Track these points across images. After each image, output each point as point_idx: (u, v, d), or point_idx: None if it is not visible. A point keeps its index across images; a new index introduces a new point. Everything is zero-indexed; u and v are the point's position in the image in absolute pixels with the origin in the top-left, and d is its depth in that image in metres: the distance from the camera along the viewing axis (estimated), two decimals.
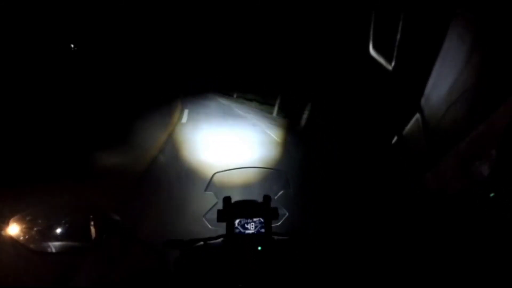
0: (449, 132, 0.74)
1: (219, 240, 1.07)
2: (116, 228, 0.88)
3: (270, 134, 7.77)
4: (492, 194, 0.63)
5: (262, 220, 1.06)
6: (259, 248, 1.01)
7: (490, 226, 0.66)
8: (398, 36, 0.76)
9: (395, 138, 0.92)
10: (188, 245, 1.04)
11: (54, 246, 0.77)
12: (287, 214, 1.15)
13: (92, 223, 0.79)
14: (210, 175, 1.20)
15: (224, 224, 1.06)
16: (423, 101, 0.80)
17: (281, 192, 1.22)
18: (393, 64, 0.79)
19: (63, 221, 0.78)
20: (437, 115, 0.76)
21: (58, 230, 0.78)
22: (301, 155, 5.77)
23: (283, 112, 10.16)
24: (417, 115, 0.83)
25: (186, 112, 10.13)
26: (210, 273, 0.94)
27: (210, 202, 1.17)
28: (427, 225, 0.83)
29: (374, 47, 0.81)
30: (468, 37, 0.64)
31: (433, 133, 0.79)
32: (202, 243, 1.05)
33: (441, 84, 0.74)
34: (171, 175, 3.98)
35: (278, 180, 1.31)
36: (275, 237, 1.08)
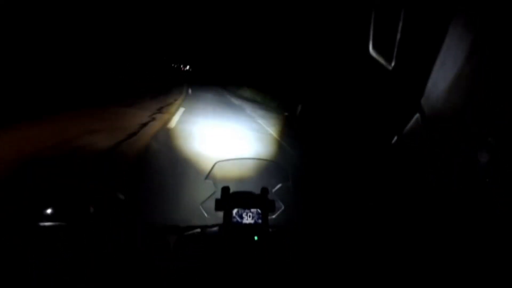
0: (449, 132, 0.74)
1: (216, 228, 1.08)
2: (121, 207, 0.90)
3: (268, 129, 7.78)
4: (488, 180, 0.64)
5: (259, 211, 1.07)
6: (256, 238, 1.03)
7: (491, 226, 0.67)
8: (398, 36, 0.75)
9: (395, 138, 0.92)
10: (185, 231, 1.05)
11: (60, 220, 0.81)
12: (283, 207, 1.16)
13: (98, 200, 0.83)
14: (207, 164, 1.20)
15: (220, 214, 1.08)
16: (423, 101, 0.80)
17: (279, 185, 1.23)
18: (393, 63, 0.79)
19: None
20: (438, 115, 0.76)
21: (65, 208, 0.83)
22: (299, 151, 5.78)
23: (282, 107, 10.17)
24: (417, 115, 0.83)
25: (185, 103, 10.10)
26: (205, 260, 0.95)
27: (208, 191, 1.18)
28: (427, 225, 0.84)
29: (374, 47, 0.81)
30: (469, 36, 0.63)
31: (433, 133, 0.79)
32: (199, 230, 1.07)
33: (442, 83, 0.73)
34: (169, 162, 3.99)
35: (277, 173, 1.32)
36: (271, 230, 1.09)
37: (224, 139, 5.84)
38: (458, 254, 0.75)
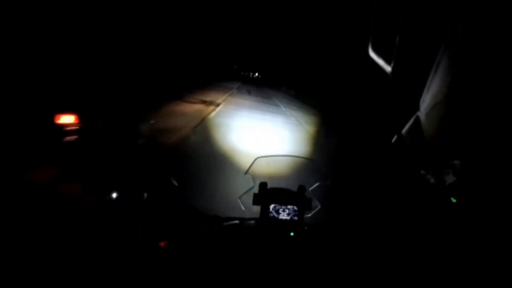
0: (449, 132, 0.72)
1: (253, 221, 1.12)
2: (174, 192, 1.00)
3: (305, 126, 7.65)
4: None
5: (296, 208, 1.09)
6: (292, 234, 1.05)
7: (491, 226, 0.65)
8: (398, 36, 0.72)
9: (395, 138, 0.90)
10: (224, 222, 1.12)
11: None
12: (319, 206, 1.16)
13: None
14: (246, 159, 1.25)
15: (257, 208, 1.11)
16: (423, 100, 0.79)
17: (316, 184, 1.23)
18: (392, 64, 0.75)
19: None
20: (438, 115, 0.74)
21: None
22: (334, 148, 5.61)
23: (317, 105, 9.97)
24: (417, 115, 0.81)
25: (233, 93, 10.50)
26: (242, 252, 0.99)
27: (246, 185, 1.22)
28: (427, 225, 0.83)
29: (374, 47, 0.78)
30: (469, 36, 0.61)
31: (433, 133, 0.78)
32: (237, 221, 1.12)
33: (442, 83, 0.72)
34: (207, 154, 4.17)
35: (315, 172, 1.32)
36: (306, 228, 1.10)
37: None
38: (458, 254, 0.72)
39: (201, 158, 3.99)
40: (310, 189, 1.21)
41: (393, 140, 0.93)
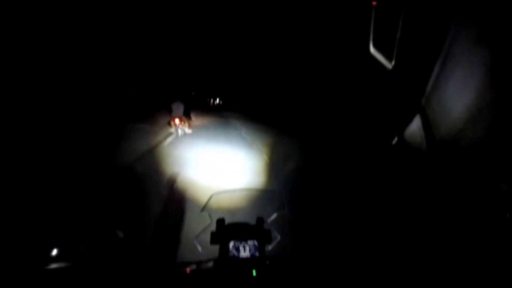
0: (450, 132, 0.74)
1: (211, 263, 1.05)
2: (119, 244, 0.89)
3: (260, 148, 7.77)
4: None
5: (256, 243, 1.05)
6: (254, 273, 0.99)
7: (492, 226, 0.67)
8: (398, 35, 0.77)
9: (395, 139, 0.93)
10: (180, 268, 1.02)
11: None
12: (279, 237, 1.15)
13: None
14: (198, 194, 1.21)
15: (217, 247, 1.05)
16: (423, 101, 0.81)
17: (274, 215, 1.22)
18: (393, 63, 0.81)
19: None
20: (438, 115, 0.76)
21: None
22: (291, 169, 5.78)
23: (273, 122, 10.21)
24: (418, 115, 0.84)
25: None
26: None
27: (202, 223, 1.16)
28: (427, 225, 0.83)
29: (374, 46, 0.83)
30: (471, 35, 0.64)
31: (434, 133, 0.80)
32: (194, 266, 1.03)
33: (442, 83, 0.74)
34: (160, 193, 3.92)
35: (272, 202, 1.32)
36: (268, 262, 1.06)
37: None
38: (458, 254, 0.73)
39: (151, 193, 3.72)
40: (269, 220, 1.19)
41: (394, 141, 0.92)
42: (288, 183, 5.13)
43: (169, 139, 8.18)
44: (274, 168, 5.97)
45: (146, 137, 7.86)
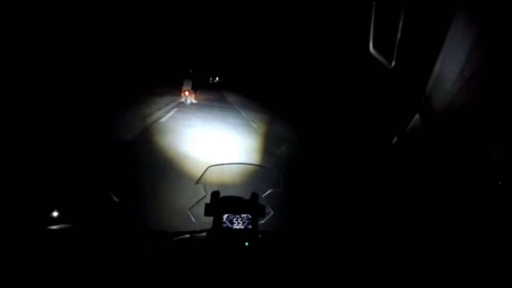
0: (450, 132, 0.74)
1: (205, 234, 1.06)
2: (114, 209, 0.89)
3: (262, 129, 7.79)
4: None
5: (249, 216, 1.07)
6: (246, 244, 1.02)
7: (493, 226, 0.67)
8: (399, 34, 0.74)
9: (396, 138, 0.92)
10: (173, 237, 1.03)
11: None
12: (272, 212, 1.16)
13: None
14: (196, 167, 1.20)
15: (210, 219, 1.06)
16: (424, 100, 0.80)
17: (269, 191, 1.23)
18: (393, 62, 0.78)
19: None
20: (438, 115, 0.76)
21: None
22: (293, 153, 5.80)
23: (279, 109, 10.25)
24: (418, 115, 0.83)
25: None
26: (195, 267, 0.93)
27: (197, 196, 1.16)
28: (427, 225, 0.84)
29: (374, 45, 0.80)
30: (471, 35, 0.62)
31: (434, 133, 0.79)
32: (188, 236, 1.05)
33: (443, 83, 0.73)
34: (155, 165, 3.93)
35: (268, 179, 1.32)
36: (260, 235, 1.09)
37: None
38: (458, 254, 0.74)
39: (148, 166, 3.74)
40: (263, 196, 1.21)
41: (394, 140, 0.92)
42: (282, 162, 5.20)
43: (169, 114, 8.15)
44: (269, 146, 6.01)
45: (146, 108, 7.83)
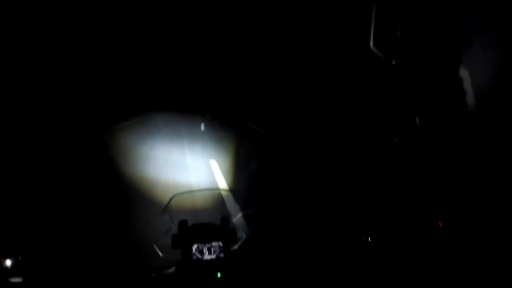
0: (450, 132, 0.78)
1: (173, 269, 0.99)
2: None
3: (226, 146, 7.65)
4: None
5: (221, 244, 1.02)
6: (219, 275, 0.96)
7: (493, 226, 0.69)
8: (399, 34, 0.78)
9: (395, 140, 0.95)
10: (138, 278, 0.94)
11: None
12: (245, 236, 1.13)
13: None
14: (159, 196, 1.14)
15: (178, 252, 1.00)
16: (424, 101, 0.83)
17: (240, 214, 1.20)
18: (393, 62, 0.81)
19: None
20: (438, 115, 0.80)
21: None
22: (256, 167, 5.76)
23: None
24: (418, 116, 0.86)
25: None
26: None
27: (163, 227, 1.09)
28: (427, 226, 0.85)
29: (375, 45, 0.83)
30: (471, 35, 0.67)
31: (434, 133, 0.82)
32: (155, 272, 0.97)
33: (443, 83, 0.77)
34: (116, 195, 3.63)
35: (237, 201, 1.29)
36: (234, 262, 1.04)
37: None
38: (458, 254, 0.75)
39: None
40: (234, 220, 1.17)
41: (393, 142, 0.92)
42: (253, 182, 5.16)
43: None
44: (238, 166, 5.94)
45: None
